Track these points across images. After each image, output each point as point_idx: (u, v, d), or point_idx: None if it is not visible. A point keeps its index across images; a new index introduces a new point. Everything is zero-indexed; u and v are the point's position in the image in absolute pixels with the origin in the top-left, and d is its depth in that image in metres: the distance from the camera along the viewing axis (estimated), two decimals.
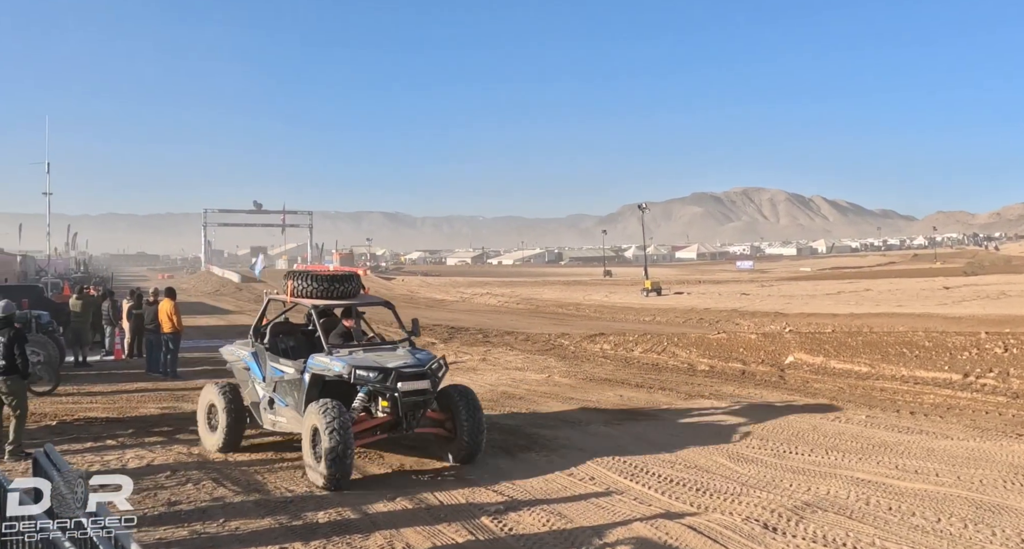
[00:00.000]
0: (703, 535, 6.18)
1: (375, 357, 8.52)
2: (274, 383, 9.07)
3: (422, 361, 8.58)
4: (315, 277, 9.31)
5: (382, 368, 8.19)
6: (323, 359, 8.46)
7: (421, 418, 8.58)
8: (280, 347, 9.59)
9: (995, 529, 6.23)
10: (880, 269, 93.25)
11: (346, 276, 9.53)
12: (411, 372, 8.26)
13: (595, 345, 19.91)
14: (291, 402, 8.83)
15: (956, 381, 12.98)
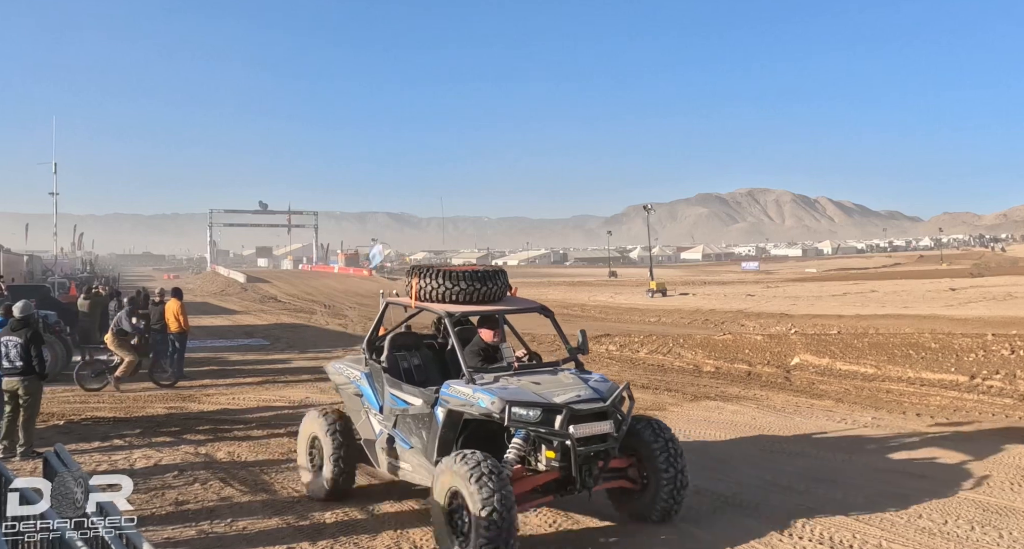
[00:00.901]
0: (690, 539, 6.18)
1: (534, 387, 6.27)
2: (395, 416, 7.06)
3: (600, 392, 6.31)
4: (450, 275, 7.13)
5: (547, 404, 6.01)
6: (463, 389, 6.31)
7: (602, 471, 6.26)
8: (402, 367, 7.52)
9: (1002, 531, 6.23)
10: (886, 270, 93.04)
11: (491, 273, 7.32)
12: (588, 410, 6.07)
13: (600, 346, 19.89)
14: (417, 444, 6.76)
15: (962, 383, 12.96)
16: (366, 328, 27.87)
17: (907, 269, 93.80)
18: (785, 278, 79.29)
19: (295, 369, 16.94)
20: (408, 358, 7.70)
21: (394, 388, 7.08)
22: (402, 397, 6.96)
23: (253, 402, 12.81)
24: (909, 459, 8.55)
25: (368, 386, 7.43)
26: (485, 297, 7.15)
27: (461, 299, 7.04)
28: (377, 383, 7.34)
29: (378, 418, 7.28)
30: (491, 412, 6.00)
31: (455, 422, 6.41)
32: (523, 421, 5.96)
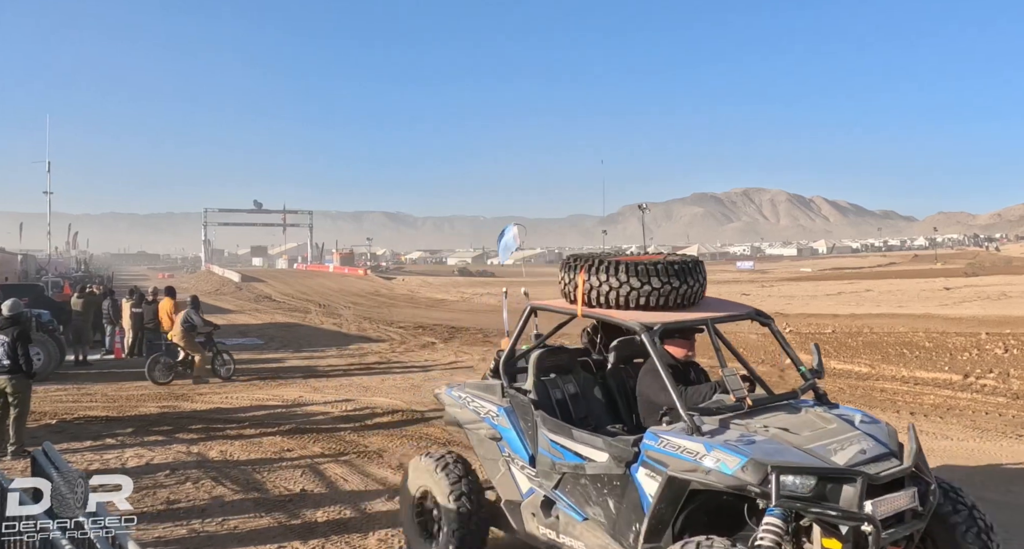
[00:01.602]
0: None
1: (790, 437, 4.31)
2: (558, 474, 5.05)
3: (886, 444, 4.36)
4: (637, 269, 5.03)
5: (830, 469, 4.04)
6: (685, 443, 4.27)
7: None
8: (554, 397, 5.52)
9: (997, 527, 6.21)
10: (881, 270, 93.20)
11: (690, 265, 5.21)
12: (887, 475, 4.08)
13: None
14: (599, 516, 4.80)
15: (956, 382, 12.97)
16: (361, 328, 28.03)
17: (902, 268, 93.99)
18: (780, 277, 79.40)
19: (289, 368, 16.92)
20: (560, 385, 5.63)
21: (557, 433, 5.06)
22: (573, 448, 4.93)
23: (246, 401, 12.78)
24: None
25: (511, 427, 5.43)
26: (685, 298, 5.16)
27: (654, 303, 5.05)
28: (525, 423, 5.35)
29: (527, 473, 5.33)
30: (744, 483, 4.01)
31: (677, 495, 4.30)
32: (795, 496, 3.94)
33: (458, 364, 17.35)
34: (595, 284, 5.12)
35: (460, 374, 15.57)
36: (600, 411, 5.65)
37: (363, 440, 9.77)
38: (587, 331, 6.49)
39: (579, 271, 5.25)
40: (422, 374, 15.78)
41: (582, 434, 4.91)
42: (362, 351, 20.31)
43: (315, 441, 9.73)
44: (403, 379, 15.09)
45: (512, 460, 5.46)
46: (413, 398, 12.80)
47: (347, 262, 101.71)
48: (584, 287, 5.18)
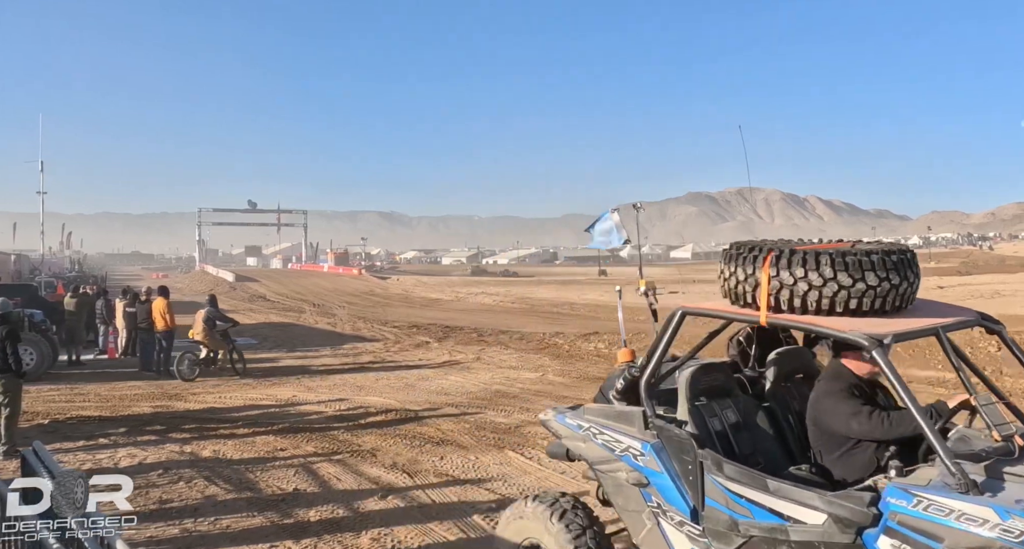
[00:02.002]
0: None
1: None
2: (742, 537, 3.86)
3: None
4: (846, 262, 3.78)
5: None
6: (960, 505, 3.14)
7: None
8: (714, 429, 4.28)
9: None
10: None
11: (908, 258, 3.98)
12: None
13: (589, 344, 19.91)
14: None
15: (950, 380, 12.99)
16: (355, 327, 28.02)
17: None
18: None
19: (283, 368, 16.89)
20: (718, 411, 4.36)
21: (742, 482, 3.79)
22: (767, 504, 3.71)
23: (239, 401, 12.75)
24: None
25: (663, 470, 4.14)
26: (904, 300, 3.93)
27: (867, 306, 3.81)
28: (683, 465, 4.05)
29: (688, 531, 4.08)
30: None
31: None
32: None
33: (452, 363, 17.35)
34: (787, 281, 3.83)
35: (454, 374, 15.57)
36: (770, 446, 4.39)
37: (356, 439, 9.75)
38: (738, 340, 5.31)
39: (763, 265, 3.89)
40: (416, 373, 15.77)
41: (782, 486, 3.67)
42: (356, 350, 20.29)
43: (308, 440, 9.71)
44: (397, 378, 15.07)
45: (664, 513, 4.19)
46: (407, 397, 12.78)
47: (342, 262, 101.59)
48: (770, 286, 3.86)
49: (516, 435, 9.85)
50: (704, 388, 4.41)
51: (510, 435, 9.86)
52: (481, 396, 12.85)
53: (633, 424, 4.34)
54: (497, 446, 9.28)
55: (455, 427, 10.37)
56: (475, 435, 9.89)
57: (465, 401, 12.39)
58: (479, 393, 13.15)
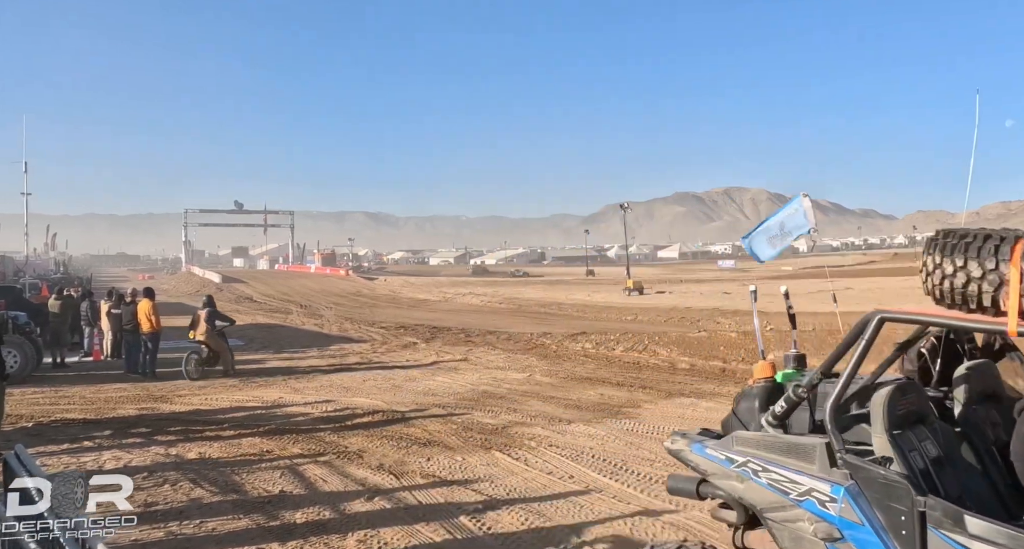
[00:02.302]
0: (682, 532, 6.19)
1: None
2: None
3: None
4: None
5: None
6: None
7: None
8: (915, 467, 3.23)
9: None
10: (861, 268, 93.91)
11: None
12: None
13: (576, 344, 19.93)
14: None
15: None
16: (343, 328, 27.99)
17: (882, 267, 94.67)
18: (761, 276, 79.69)
19: (269, 369, 16.83)
20: (916, 443, 3.44)
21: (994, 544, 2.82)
22: None
23: (226, 403, 12.69)
24: None
25: (864, 521, 3.23)
26: None
27: None
28: (891, 517, 3.15)
29: None
30: None
31: None
32: None
33: (440, 364, 17.33)
34: None
35: (441, 375, 15.56)
36: (980, 486, 3.47)
37: (343, 441, 9.72)
38: (920, 352, 4.42)
39: (1007, 257, 2.95)
40: (403, 374, 15.75)
41: None
42: (343, 352, 20.25)
43: (294, 442, 9.68)
44: (384, 379, 15.04)
45: None
46: (394, 398, 12.76)
47: (329, 263, 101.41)
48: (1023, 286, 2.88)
49: (503, 436, 9.84)
50: (902, 414, 3.46)
51: (497, 436, 9.85)
52: (468, 397, 12.84)
53: (813, 460, 3.44)
54: (484, 447, 9.27)
55: (442, 428, 10.36)
56: (462, 436, 9.88)
57: (452, 402, 12.38)
58: (466, 394, 13.15)
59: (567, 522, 6.51)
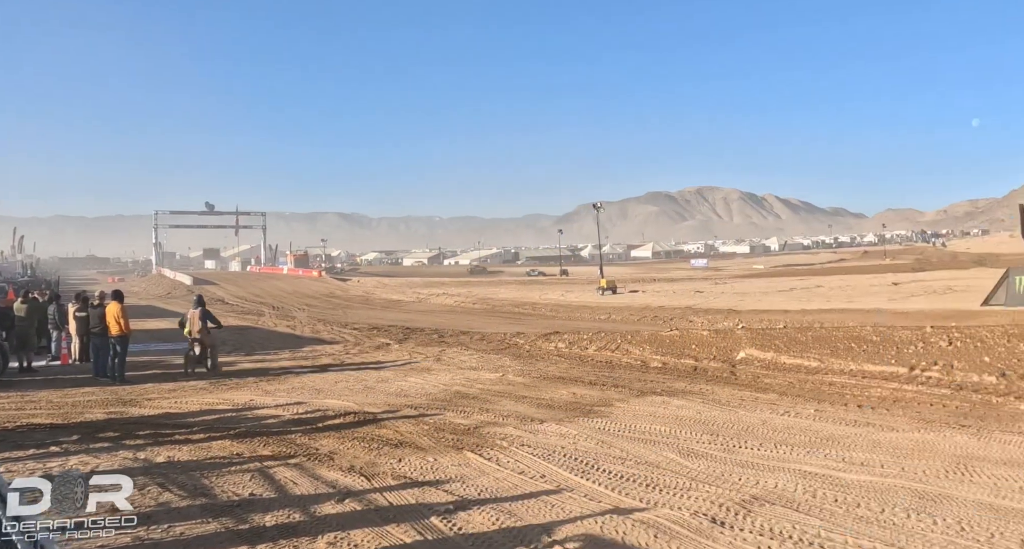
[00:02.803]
0: (652, 530, 6.21)
1: None
2: None
3: None
4: None
5: None
6: None
7: None
8: None
9: (936, 518, 6.34)
10: (831, 266, 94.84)
11: None
12: None
13: (550, 344, 19.96)
14: None
15: (902, 374, 13.21)
16: (315, 330, 27.89)
17: (852, 264, 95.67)
18: (733, 274, 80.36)
19: (240, 372, 16.72)
20: None
21: None
22: None
23: (196, 406, 12.58)
24: (849, 450, 8.68)
25: None
26: None
27: None
28: None
29: None
30: None
31: None
32: None
33: (413, 365, 17.29)
34: None
35: (414, 376, 15.53)
36: None
37: (314, 443, 9.67)
38: None
39: None
40: (375, 375, 15.70)
41: None
42: (315, 353, 20.15)
43: (265, 444, 9.61)
44: (356, 381, 14.98)
45: None
46: (366, 400, 12.71)
47: (301, 264, 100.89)
48: None
49: (475, 436, 9.83)
50: None
51: (469, 436, 9.83)
52: (440, 397, 12.81)
53: None
54: (456, 447, 9.25)
55: (414, 429, 10.33)
56: (434, 437, 9.86)
57: (424, 403, 12.35)
58: (438, 394, 13.12)
59: (538, 521, 6.50)
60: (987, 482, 7.30)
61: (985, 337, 14.59)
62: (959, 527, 6.13)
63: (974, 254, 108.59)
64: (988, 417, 10.18)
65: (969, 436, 9.13)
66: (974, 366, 12.95)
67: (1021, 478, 7.38)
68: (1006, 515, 6.38)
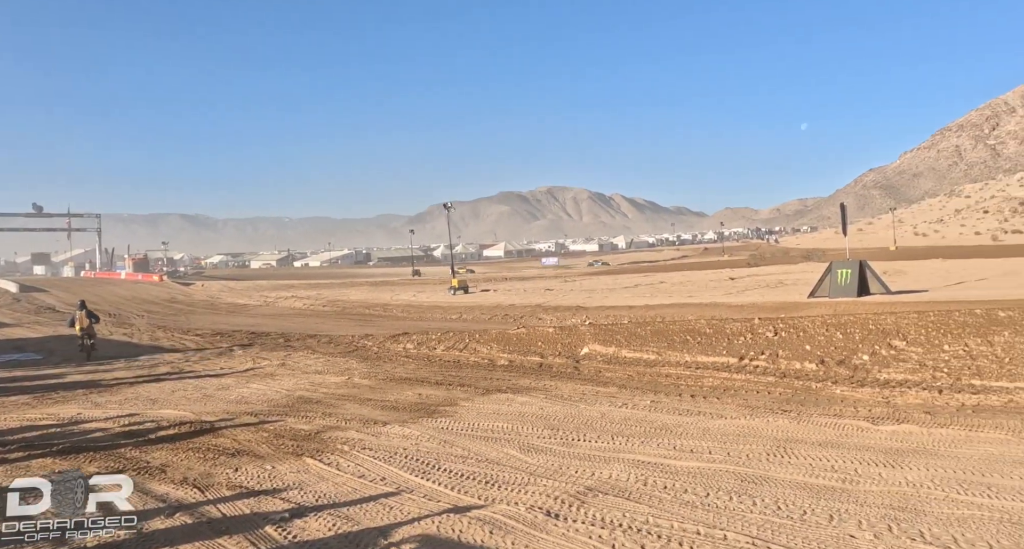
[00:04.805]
0: (488, 526, 6.28)
1: None
2: None
3: None
4: None
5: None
6: None
7: None
8: None
9: (756, 499, 6.71)
10: (674, 263, 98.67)
11: None
12: None
13: (398, 345, 19.85)
14: None
15: (733, 364, 13.89)
16: (154, 337, 26.73)
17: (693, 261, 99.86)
18: (583, 272, 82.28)
19: (68, 384, 15.78)
20: None
21: None
22: None
23: (15, 422, 11.77)
24: (681, 439, 9.05)
25: None
26: None
27: None
28: None
29: None
30: None
31: None
32: None
33: (256, 371, 16.81)
34: None
35: (256, 382, 15.11)
36: None
37: (145, 456, 9.24)
38: None
39: None
40: (216, 382, 15.17)
41: None
42: (153, 362, 19.29)
43: (91, 460, 9.10)
44: (195, 389, 14.43)
45: None
46: (204, 408, 12.26)
47: (141, 268, 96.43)
48: None
49: (316, 441, 9.66)
50: None
51: (310, 442, 9.65)
52: (283, 403, 12.52)
53: None
54: (295, 454, 9.06)
55: (253, 437, 10.04)
56: (273, 444, 9.62)
57: (265, 409, 12.04)
58: (280, 400, 12.81)
59: (375, 525, 6.46)
60: (803, 463, 7.79)
61: (807, 327, 15.55)
62: (776, 506, 6.51)
63: (803, 249, 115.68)
64: (807, 402, 10.85)
65: (790, 420, 9.71)
66: (797, 354, 13.78)
67: (833, 457, 7.92)
68: (818, 493, 6.83)
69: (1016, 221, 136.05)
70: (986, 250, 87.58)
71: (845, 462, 7.73)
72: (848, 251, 37.88)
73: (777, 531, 5.97)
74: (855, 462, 7.71)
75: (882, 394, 11.05)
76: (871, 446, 8.33)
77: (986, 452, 7.90)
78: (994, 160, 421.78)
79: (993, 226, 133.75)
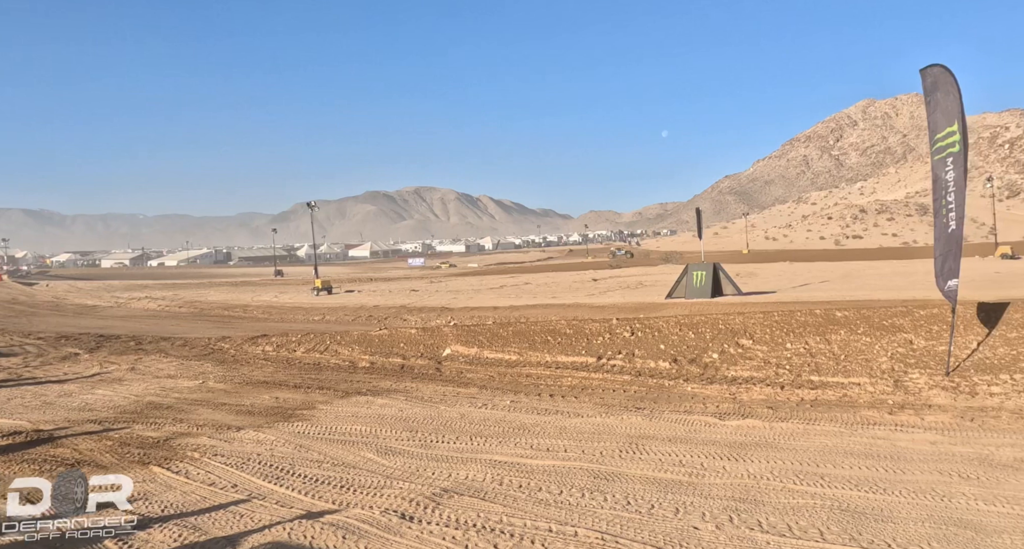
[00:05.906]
0: (341, 531, 6.20)
1: None
2: None
3: None
4: None
5: None
6: None
7: None
8: None
9: (607, 495, 6.89)
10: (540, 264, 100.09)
11: None
12: None
13: (256, 347, 19.31)
14: None
15: (591, 364, 14.20)
16: None
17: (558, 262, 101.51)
18: (448, 273, 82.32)
19: None
20: None
21: None
22: None
23: None
24: (538, 438, 9.18)
25: None
26: None
27: None
28: None
29: None
30: None
31: None
32: None
33: (103, 376, 16.00)
34: None
35: (102, 387, 14.38)
36: None
37: None
38: None
39: None
40: (58, 388, 14.34)
41: None
42: None
43: None
44: (34, 396, 13.60)
45: None
46: (42, 417, 11.57)
47: None
48: None
49: (164, 449, 9.28)
50: None
51: (158, 449, 9.26)
52: (130, 410, 11.96)
53: None
54: (141, 462, 8.66)
55: (96, 446, 9.55)
56: (118, 453, 9.17)
57: (111, 416, 11.47)
58: (128, 407, 12.24)
59: (224, 533, 6.26)
60: (653, 458, 8.05)
61: (662, 327, 16.06)
62: (625, 502, 6.71)
63: (663, 252, 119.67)
64: (660, 399, 11.23)
65: (643, 417, 10.01)
66: (652, 354, 14.21)
67: (681, 453, 8.22)
68: (666, 487, 7.08)
69: (856, 227, 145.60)
70: (829, 254, 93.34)
71: (692, 457, 8.05)
72: (703, 254, 39.34)
73: (626, 526, 6.15)
74: (702, 456, 8.04)
75: (729, 390, 11.56)
76: (717, 441, 8.70)
77: (821, 444, 8.38)
78: (838, 170, 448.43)
79: (836, 231, 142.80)
